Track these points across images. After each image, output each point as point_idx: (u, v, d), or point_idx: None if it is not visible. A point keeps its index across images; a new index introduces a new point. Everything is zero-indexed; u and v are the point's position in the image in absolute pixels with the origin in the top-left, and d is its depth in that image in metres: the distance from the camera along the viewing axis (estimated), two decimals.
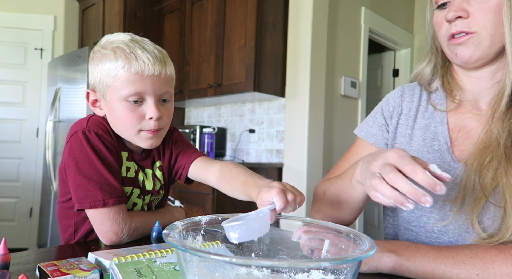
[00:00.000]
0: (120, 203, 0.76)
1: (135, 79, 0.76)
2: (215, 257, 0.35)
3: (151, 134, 0.81)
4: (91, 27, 3.42)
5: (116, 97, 0.78)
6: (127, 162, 0.82)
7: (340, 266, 0.39)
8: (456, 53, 0.68)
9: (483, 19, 0.64)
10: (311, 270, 0.42)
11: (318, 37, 2.49)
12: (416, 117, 0.78)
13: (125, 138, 0.83)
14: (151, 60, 0.77)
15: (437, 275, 0.56)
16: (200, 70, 2.80)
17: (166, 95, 0.82)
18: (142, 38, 0.82)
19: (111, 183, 0.75)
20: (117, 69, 0.76)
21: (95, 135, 0.77)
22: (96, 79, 0.80)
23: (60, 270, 0.50)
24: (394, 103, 0.83)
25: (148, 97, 0.79)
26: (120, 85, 0.77)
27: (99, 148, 0.76)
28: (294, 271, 0.44)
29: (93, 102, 0.84)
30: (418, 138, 0.76)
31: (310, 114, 2.45)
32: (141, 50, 0.77)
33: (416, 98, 0.80)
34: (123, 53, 0.76)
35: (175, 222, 0.46)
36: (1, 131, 3.39)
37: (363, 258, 0.38)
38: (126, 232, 0.76)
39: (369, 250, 0.39)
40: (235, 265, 0.45)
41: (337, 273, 0.40)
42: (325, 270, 0.41)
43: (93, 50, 0.82)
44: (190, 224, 0.48)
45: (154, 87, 0.78)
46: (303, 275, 0.44)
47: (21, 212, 3.41)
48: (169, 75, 0.81)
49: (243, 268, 0.46)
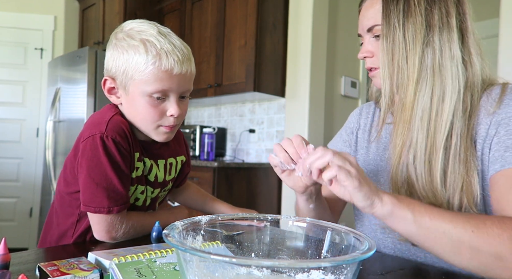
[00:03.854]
0: (124, 209, 0.78)
1: (163, 76, 0.76)
2: (215, 257, 0.35)
3: (169, 129, 0.82)
4: (91, 27, 3.42)
5: (140, 90, 0.77)
6: (138, 162, 0.82)
7: (340, 266, 0.39)
8: (373, 82, 0.85)
9: (380, 57, 0.76)
10: (311, 270, 0.42)
11: (318, 37, 2.49)
12: (371, 131, 0.91)
13: (141, 130, 0.83)
14: (180, 59, 0.76)
15: (434, 225, 0.59)
16: (200, 70, 2.80)
17: (187, 92, 0.82)
18: (168, 31, 0.80)
19: (118, 191, 0.76)
20: (146, 63, 0.75)
21: (112, 142, 0.75)
22: (119, 68, 0.78)
23: (60, 270, 0.50)
24: (354, 120, 0.97)
25: (171, 94, 0.79)
26: (147, 81, 0.76)
27: (114, 155, 0.75)
28: (294, 271, 0.44)
29: (109, 89, 0.82)
30: (373, 149, 0.88)
31: (310, 114, 2.45)
32: (171, 46, 0.76)
33: (371, 115, 0.94)
34: (154, 48, 0.75)
35: (175, 222, 0.46)
36: (1, 131, 3.39)
37: (363, 258, 0.38)
38: (121, 233, 0.78)
39: (369, 250, 0.39)
40: (235, 265, 0.45)
41: (337, 273, 0.40)
42: (325, 270, 0.41)
43: (117, 37, 0.79)
44: (190, 224, 0.48)
45: (179, 85, 0.78)
46: (303, 275, 0.44)
47: (21, 212, 3.41)
48: (193, 73, 0.82)
49: (243, 268, 0.46)
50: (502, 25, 1.77)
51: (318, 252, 0.51)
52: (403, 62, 0.73)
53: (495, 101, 0.70)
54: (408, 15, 0.72)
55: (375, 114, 0.94)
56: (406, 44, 0.72)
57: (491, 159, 0.67)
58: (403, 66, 0.73)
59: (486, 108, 0.70)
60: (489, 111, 0.70)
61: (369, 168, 0.87)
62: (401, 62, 0.73)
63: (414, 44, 0.72)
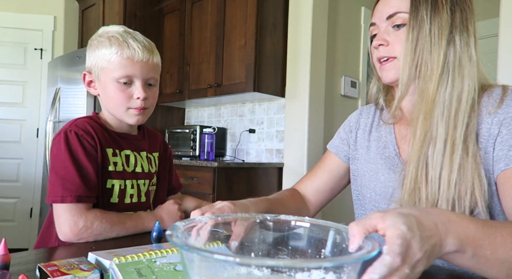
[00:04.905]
0: (80, 201, 0.80)
1: (126, 63, 0.88)
2: (219, 257, 0.35)
3: (138, 112, 0.92)
4: (91, 27, 3.42)
5: (109, 78, 0.90)
6: (113, 157, 0.91)
7: (341, 266, 0.39)
8: (382, 75, 0.83)
9: (398, 47, 0.78)
10: (312, 270, 0.41)
11: (318, 37, 2.49)
12: (371, 131, 0.94)
13: (115, 115, 0.94)
14: (141, 48, 0.89)
15: (494, 257, 0.54)
16: (200, 70, 2.80)
17: (152, 80, 0.93)
18: (134, 31, 0.94)
19: (75, 181, 0.81)
20: (111, 54, 0.88)
21: (75, 135, 0.85)
22: (92, 63, 0.92)
23: (60, 270, 0.50)
24: (354, 120, 1.01)
25: (136, 80, 0.90)
26: (113, 68, 0.88)
27: (74, 148, 0.84)
28: (294, 271, 0.44)
29: (88, 83, 0.96)
30: (373, 147, 0.91)
31: (310, 114, 2.45)
32: (132, 39, 0.89)
33: (371, 115, 0.97)
34: (117, 41, 0.88)
35: (177, 223, 0.46)
36: (1, 131, 3.39)
37: (365, 259, 0.37)
38: (83, 231, 0.79)
39: (372, 251, 0.39)
40: (236, 265, 0.45)
41: (338, 273, 0.40)
42: (326, 269, 0.40)
43: (91, 39, 0.95)
44: (191, 224, 0.48)
45: (142, 71, 0.90)
46: (303, 275, 0.43)
47: (21, 212, 3.40)
48: (156, 63, 0.93)
49: (243, 268, 0.46)
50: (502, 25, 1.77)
51: (318, 252, 0.51)
52: (427, 54, 0.74)
53: (496, 102, 0.72)
54: (436, 10, 0.74)
55: (375, 114, 0.96)
56: (431, 37, 0.74)
57: (496, 158, 0.69)
58: (427, 59, 0.74)
59: (487, 108, 0.72)
60: (490, 111, 0.71)
61: (369, 166, 0.89)
62: (426, 54, 0.74)
63: (440, 38, 0.74)
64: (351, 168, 0.97)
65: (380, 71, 0.84)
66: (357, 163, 0.94)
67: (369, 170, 0.89)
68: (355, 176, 0.95)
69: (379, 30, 0.82)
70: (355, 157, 0.95)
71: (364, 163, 0.91)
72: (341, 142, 1.00)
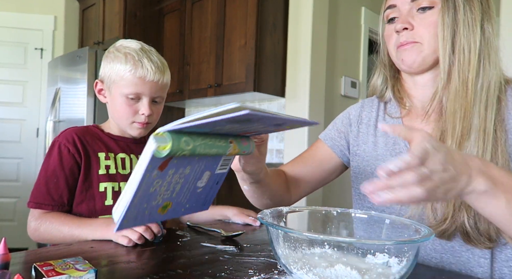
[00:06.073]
0: (39, 207, 0.90)
1: (138, 82, 0.93)
2: (307, 234, 0.49)
3: (141, 126, 0.98)
4: (91, 27, 3.42)
5: (119, 92, 0.95)
6: (106, 161, 0.97)
7: (402, 249, 0.47)
8: (402, 58, 0.77)
9: (424, 32, 0.74)
10: (377, 253, 0.50)
11: (318, 37, 2.48)
12: (376, 125, 0.88)
13: (119, 125, 1.01)
14: (153, 69, 0.93)
15: None
16: (200, 70, 2.80)
17: (158, 98, 0.99)
18: (150, 48, 0.98)
19: (42, 190, 0.91)
20: (125, 71, 0.93)
21: (57, 147, 0.93)
22: (106, 74, 0.97)
23: (55, 270, 0.49)
24: (354, 112, 0.94)
25: (144, 97, 0.95)
26: (124, 84, 0.93)
27: (52, 160, 0.93)
28: (362, 252, 0.52)
29: (99, 91, 1.02)
30: (381, 143, 0.85)
31: (310, 114, 2.44)
32: (147, 59, 0.93)
33: (375, 109, 0.91)
34: (132, 59, 0.93)
35: (265, 210, 0.59)
36: (1, 131, 3.39)
37: (423, 241, 0.45)
38: (33, 232, 0.89)
39: (429, 235, 0.47)
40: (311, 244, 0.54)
41: (400, 256, 0.48)
42: (389, 253, 0.49)
43: (108, 50, 0.99)
44: (276, 212, 0.61)
45: (151, 91, 0.95)
46: (370, 257, 0.51)
47: (21, 212, 3.40)
48: (165, 83, 0.98)
49: (318, 248, 0.54)
50: (502, 25, 1.77)
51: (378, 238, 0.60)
52: (464, 40, 0.72)
53: None
54: None
55: (379, 108, 0.90)
56: (468, 22, 0.71)
57: None
58: (465, 45, 0.71)
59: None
60: None
61: (377, 163, 0.84)
62: (463, 40, 0.72)
63: (475, 25, 0.71)
64: (352, 165, 0.91)
65: (400, 53, 0.78)
66: (359, 159, 0.88)
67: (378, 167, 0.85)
68: (357, 174, 0.89)
69: (400, 13, 0.77)
70: (356, 153, 0.89)
71: (371, 160, 0.85)
72: (338, 135, 0.95)
